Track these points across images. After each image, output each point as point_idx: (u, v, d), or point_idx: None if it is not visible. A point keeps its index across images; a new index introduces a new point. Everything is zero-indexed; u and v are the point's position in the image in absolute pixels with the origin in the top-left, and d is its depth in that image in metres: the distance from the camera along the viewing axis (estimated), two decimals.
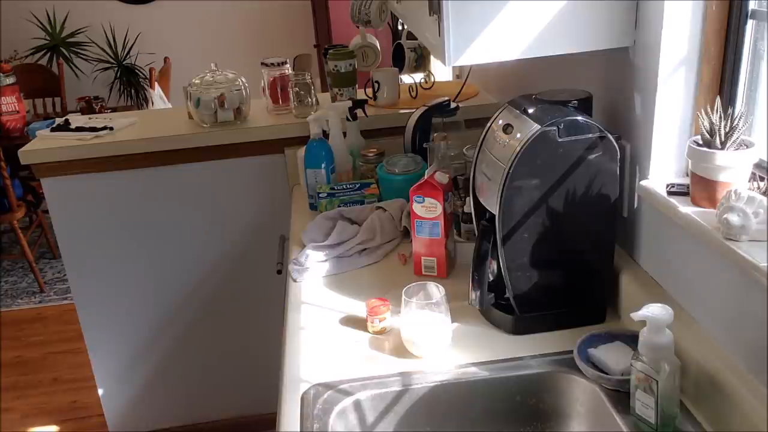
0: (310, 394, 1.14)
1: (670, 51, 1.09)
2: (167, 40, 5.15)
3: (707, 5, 1.06)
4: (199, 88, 2.12)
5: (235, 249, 2.30)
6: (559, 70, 1.55)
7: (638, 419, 1.01)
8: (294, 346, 1.29)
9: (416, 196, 1.42)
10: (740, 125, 0.98)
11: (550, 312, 1.25)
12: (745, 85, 1.07)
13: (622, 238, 1.30)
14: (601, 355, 1.12)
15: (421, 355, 1.22)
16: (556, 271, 1.24)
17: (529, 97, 1.25)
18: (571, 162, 1.15)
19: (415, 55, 2.38)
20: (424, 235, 1.45)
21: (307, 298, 1.46)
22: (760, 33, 1.03)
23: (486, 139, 1.25)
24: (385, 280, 1.49)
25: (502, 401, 1.17)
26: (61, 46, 5.07)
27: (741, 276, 0.95)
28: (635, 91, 1.20)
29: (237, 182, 2.21)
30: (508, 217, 1.18)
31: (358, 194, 1.78)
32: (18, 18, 4.95)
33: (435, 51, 1.26)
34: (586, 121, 1.14)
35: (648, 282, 1.22)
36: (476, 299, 1.24)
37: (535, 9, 1.13)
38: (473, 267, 1.22)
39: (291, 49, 4.46)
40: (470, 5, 1.12)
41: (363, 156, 1.93)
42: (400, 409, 1.15)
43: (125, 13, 5.15)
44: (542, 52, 1.17)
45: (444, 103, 1.89)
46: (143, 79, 5.17)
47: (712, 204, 1.02)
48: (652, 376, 0.96)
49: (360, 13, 2.29)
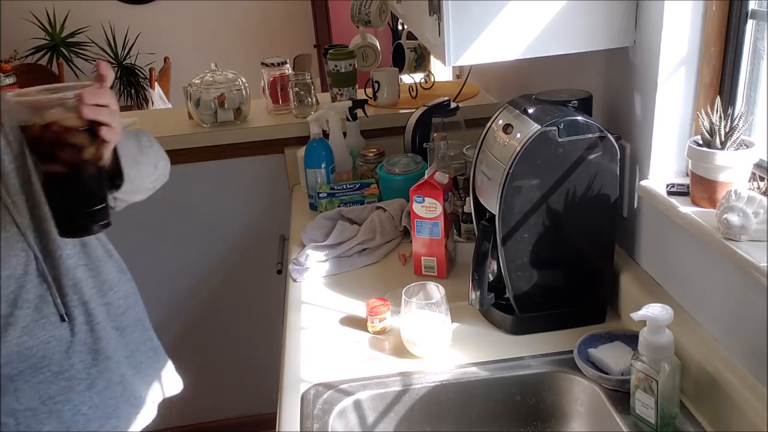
0: (310, 394, 1.14)
1: (670, 51, 1.09)
2: (167, 40, 5.14)
3: (707, 5, 1.06)
4: (199, 88, 2.12)
5: (235, 249, 2.30)
6: (559, 70, 1.55)
7: (638, 419, 1.01)
8: (294, 346, 1.29)
9: (416, 196, 1.42)
10: (740, 125, 0.98)
11: (550, 312, 1.25)
12: (745, 85, 1.07)
13: (622, 238, 1.30)
14: (601, 355, 1.12)
15: (421, 355, 1.22)
16: (556, 271, 1.24)
17: (529, 97, 1.25)
18: (571, 162, 1.15)
19: (415, 55, 2.38)
20: (424, 235, 1.45)
21: (307, 298, 1.46)
22: (760, 33, 1.03)
23: (486, 139, 1.25)
24: (385, 280, 1.49)
25: (501, 401, 1.17)
26: (61, 46, 5.06)
27: (741, 276, 0.95)
28: (635, 91, 1.20)
29: (237, 182, 2.21)
30: (508, 217, 1.18)
31: (358, 194, 1.78)
32: (18, 18, 4.94)
33: (435, 51, 1.27)
34: (586, 121, 1.14)
35: (648, 282, 1.22)
36: (476, 299, 1.24)
37: (535, 9, 1.13)
38: (473, 267, 1.22)
39: (291, 49, 4.46)
40: (470, 5, 1.12)
41: (363, 156, 1.93)
42: (400, 409, 1.15)
43: (125, 13, 5.14)
44: (542, 52, 1.17)
45: (444, 103, 1.89)
46: (143, 79, 5.16)
47: (712, 204, 1.02)
48: (652, 376, 0.96)
49: (360, 13, 2.29)
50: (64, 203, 0.99)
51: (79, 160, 0.97)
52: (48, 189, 0.99)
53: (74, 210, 1.00)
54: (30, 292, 1.09)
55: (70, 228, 1.02)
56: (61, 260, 1.12)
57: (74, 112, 0.94)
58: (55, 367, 1.13)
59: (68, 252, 1.13)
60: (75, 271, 1.14)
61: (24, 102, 0.94)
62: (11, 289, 1.07)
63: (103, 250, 1.22)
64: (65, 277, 1.12)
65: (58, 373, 1.13)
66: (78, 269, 1.15)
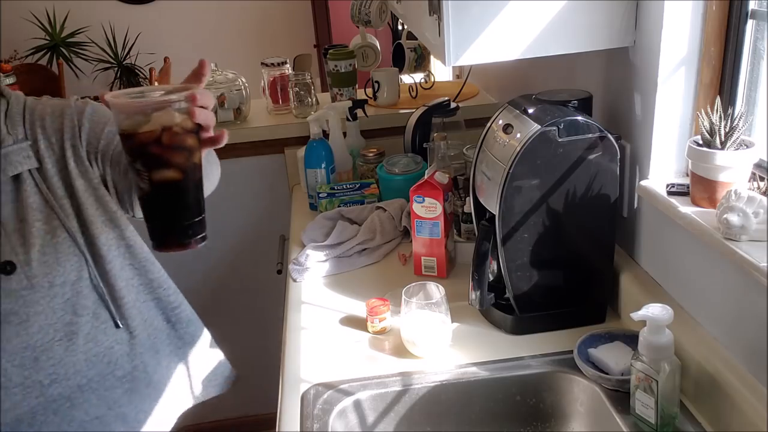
0: (310, 394, 1.14)
1: (670, 51, 1.09)
2: (167, 40, 5.14)
3: (707, 5, 1.06)
4: None
5: (235, 249, 2.30)
6: (559, 70, 1.55)
7: (638, 419, 1.01)
8: (294, 346, 1.29)
9: (416, 196, 1.42)
10: (740, 125, 0.98)
11: (550, 312, 1.25)
12: (745, 85, 1.07)
13: (622, 238, 1.30)
14: (601, 355, 1.12)
15: (421, 355, 1.22)
16: (556, 271, 1.24)
17: (529, 97, 1.25)
18: (571, 162, 1.15)
19: (415, 55, 2.38)
20: (424, 235, 1.45)
21: (307, 298, 1.46)
22: (760, 33, 1.03)
23: (486, 139, 1.25)
24: (385, 280, 1.49)
25: (501, 401, 1.17)
26: (61, 46, 5.06)
27: (741, 276, 0.95)
28: (635, 91, 1.20)
29: (237, 182, 2.21)
30: (508, 217, 1.18)
31: (358, 194, 1.78)
32: (18, 18, 4.94)
33: (435, 51, 1.26)
34: (586, 121, 1.14)
35: (648, 282, 1.22)
36: (476, 299, 1.24)
37: (535, 9, 1.13)
38: (473, 267, 1.22)
39: (291, 49, 4.46)
40: (470, 5, 1.12)
41: (363, 156, 1.93)
42: (400, 409, 1.15)
43: (125, 13, 5.14)
44: (542, 52, 1.17)
45: (444, 103, 1.89)
46: (143, 79, 5.16)
47: (712, 204, 1.01)
48: (652, 376, 0.95)
49: (360, 13, 2.29)
50: (173, 212, 0.91)
51: (191, 165, 0.90)
52: (155, 198, 0.90)
53: (179, 220, 0.92)
54: (87, 298, 1.08)
55: (173, 240, 0.94)
56: (110, 263, 1.11)
57: (185, 115, 0.87)
58: (119, 371, 1.13)
59: (114, 253, 1.12)
60: (122, 272, 1.13)
61: (126, 105, 0.87)
62: (68, 297, 1.05)
63: (147, 249, 1.20)
64: (117, 279, 1.12)
65: (122, 377, 1.14)
66: (125, 269, 1.14)
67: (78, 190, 1.07)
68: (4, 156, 1.02)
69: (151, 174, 0.88)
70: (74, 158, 1.08)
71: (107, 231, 1.11)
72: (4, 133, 1.04)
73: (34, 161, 1.05)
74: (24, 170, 1.03)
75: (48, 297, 1.03)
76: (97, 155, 1.10)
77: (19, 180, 1.04)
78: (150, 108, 0.86)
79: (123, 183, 1.12)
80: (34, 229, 1.02)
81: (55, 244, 1.03)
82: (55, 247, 1.03)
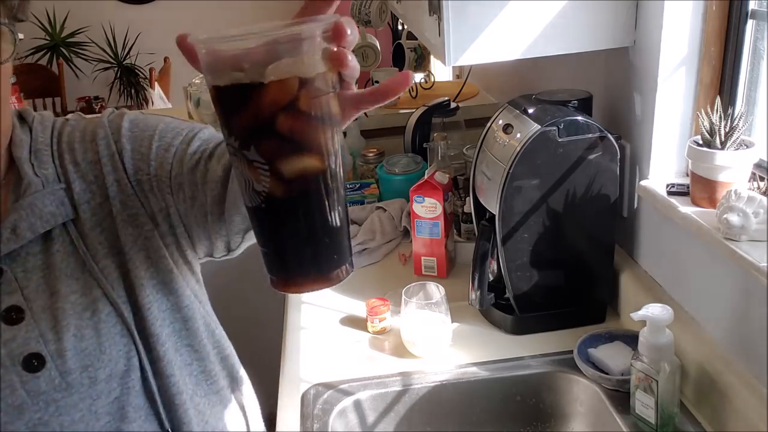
0: (310, 394, 1.14)
1: (670, 51, 1.09)
2: (167, 40, 5.08)
3: (707, 5, 1.06)
4: (199, 88, 2.12)
5: None
6: (559, 70, 1.55)
7: (638, 419, 1.01)
8: (294, 346, 1.29)
9: (416, 196, 1.42)
10: (740, 125, 0.98)
11: (550, 312, 1.25)
12: (745, 85, 1.07)
13: (622, 238, 1.30)
14: (601, 355, 1.12)
15: (421, 355, 1.22)
16: (556, 271, 1.24)
17: (529, 97, 1.25)
18: (571, 162, 1.15)
19: (415, 55, 2.38)
20: (424, 235, 1.45)
21: (307, 298, 1.46)
22: (760, 33, 1.03)
23: (486, 139, 1.25)
24: (385, 280, 1.49)
25: (502, 401, 1.17)
26: (61, 46, 5.07)
27: (741, 276, 0.95)
28: (635, 91, 1.20)
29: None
30: (508, 217, 1.18)
31: (358, 194, 1.78)
32: None
33: (435, 51, 1.26)
34: (586, 121, 1.14)
35: (648, 282, 1.22)
36: (476, 299, 1.24)
37: (535, 9, 1.13)
38: (473, 267, 1.22)
39: None
40: (470, 5, 1.12)
41: (363, 156, 1.93)
42: (400, 409, 1.15)
43: (125, 13, 5.15)
44: (542, 52, 1.17)
45: (444, 103, 1.89)
46: (143, 79, 5.17)
47: (712, 204, 1.01)
48: (652, 376, 0.95)
49: (360, 13, 2.29)
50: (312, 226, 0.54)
51: (335, 148, 0.56)
52: (286, 206, 0.53)
53: (322, 238, 0.55)
54: (139, 396, 0.78)
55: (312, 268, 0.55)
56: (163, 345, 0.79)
57: (325, 59, 0.51)
58: None
59: (167, 330, 0.81)
60: (177, 355, 0.82)
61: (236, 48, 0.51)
62: (115, 395, 0.75)
63: (203, 323, 0.88)
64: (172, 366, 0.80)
65: None
66: (182, 353, 0.83)
67: (125, 244, 0.77)
68: (29, 206, 0.73)
69: (280, 165, 0.52)
70: (120, 198, 0.77)
71: (160, 298, 0.80)
72: (30, 175, 0.74)
73: (69, 210, 0.75)
74: (57, 224, 0.74)
75: (89, 399, 0.74)
76: (152, 184, 0.78)
77: (49, 238, 0.75)
78: (280, 49, 0.49)
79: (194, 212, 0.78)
80: (68, 304, 0.73)
81: (97, 322, 0.74)
82: (96, 328, 0.74)
